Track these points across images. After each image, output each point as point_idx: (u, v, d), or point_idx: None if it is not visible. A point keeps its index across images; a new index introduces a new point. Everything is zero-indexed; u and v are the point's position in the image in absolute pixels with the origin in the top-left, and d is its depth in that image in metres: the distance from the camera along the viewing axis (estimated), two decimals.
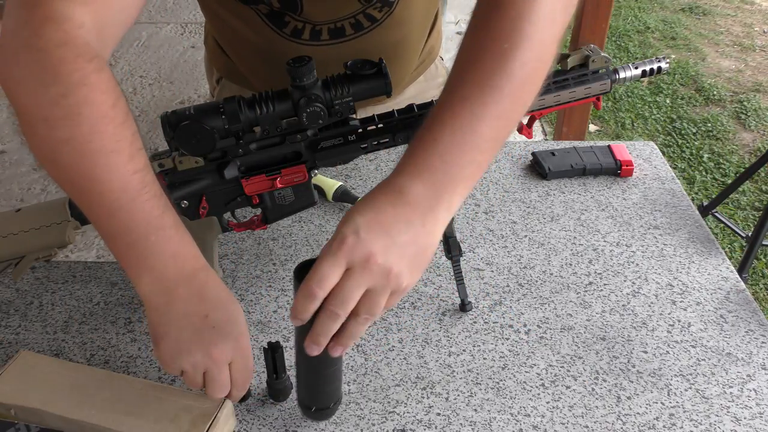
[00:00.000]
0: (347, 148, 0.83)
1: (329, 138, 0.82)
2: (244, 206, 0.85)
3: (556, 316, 0.90)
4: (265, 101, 0.76)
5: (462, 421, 0.77)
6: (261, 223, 0.87)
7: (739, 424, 0.77)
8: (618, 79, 0.88)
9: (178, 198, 0.82)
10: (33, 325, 0.91)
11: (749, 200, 2.75)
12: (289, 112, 0.77)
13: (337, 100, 0.77)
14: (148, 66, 3.54)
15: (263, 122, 0.77)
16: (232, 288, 0.95)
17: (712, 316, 0.90)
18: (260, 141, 0.80)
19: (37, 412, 0.70)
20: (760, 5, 4.45)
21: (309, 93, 0.75)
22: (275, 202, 0.85)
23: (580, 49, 0.86)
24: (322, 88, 0.76)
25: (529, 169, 1.18)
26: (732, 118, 3.29)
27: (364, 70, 0.77)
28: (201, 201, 0.83)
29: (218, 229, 0.88)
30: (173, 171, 0.80)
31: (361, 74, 0.77)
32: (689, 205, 1.10)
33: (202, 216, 0.84)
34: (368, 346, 0.87)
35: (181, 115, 0.75)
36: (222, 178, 0.81)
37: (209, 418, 0.69)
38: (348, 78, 0.77)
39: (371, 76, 0.77)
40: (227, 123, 0.75)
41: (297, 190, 0.84)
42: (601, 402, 0.79)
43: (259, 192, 0.83)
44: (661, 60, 0.89)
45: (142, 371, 0.84)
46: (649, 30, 4.12)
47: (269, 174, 0.82)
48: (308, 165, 0.83)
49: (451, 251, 0.88)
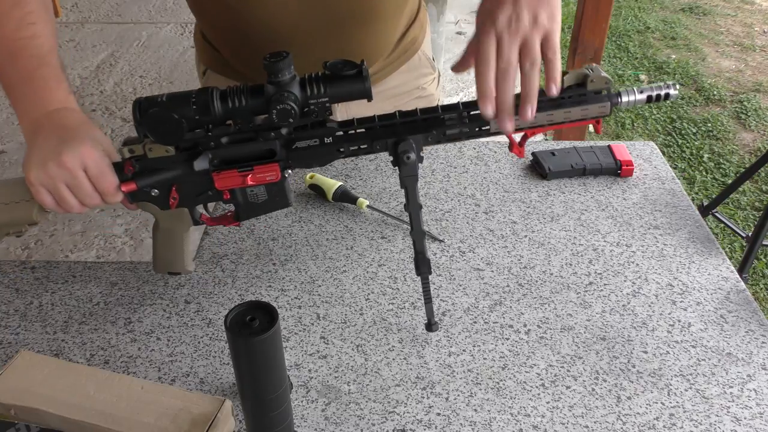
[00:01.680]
0: (323, 151, 0.80)
1: (305, 138, 0.80)
2: (215, 200, 0.83)
3: (556, 316, 0.90)
4: (238, 95, 0.75)
5: (462, 421, 0.77)
6: (233, 219, 0.86)
7: (739, 424, 0.77)
8: (620, 102, 0.80)
9: (147, 186, 0.81)
10: (33, 325, 0.91)
11: (749, 200, 2.75)
12: (262, 108, 0.75)
13: (313, 100, 0.74)
14: (148, 66, 3.54)
15: (235, 116, 0.76)
16: (232, 288, 0.95)
17: (713, 316, 0.90)
18: (232, 135, 0.79)
19: (37, 412, 0.70)
20: (760, 5, 4.45)
21: (284, 90, 0.73)
22: (247, 200, 0.83)
23: (578, 69, 0.81)
24: (298, 87, 0.74)
25: (529, 169, 1.18)
26: (732, 118, 3.29)
27: (344, 71, 0.74)
28: (171, 191, 0.82)
29: (189, 222, 0.86)
30: (143, 158, 0.79)
31: (341, 75, 0.74)
32: (689, 205, 1.10)
33: (172, 206, 0.83)
34: (368, 346, 0.87)
35: (153, 102, 0.74)
36: (192, 169, 0.80)
37: (209, 418, 0.69)
38: (326, 78, 0.74)
39: (351, 78, 0.74)
40: (197, 114, 0.74)
41: (270, 189, 0.83)
42: (601, 402, 0.79)
43: (231, 187, 0.81)
44: (669, 87, 0.80)
45: (142, 371, 0.84)
46: (649, 30, 4.12)
47: (241, 170, 0.80)
48: (282, 164, 0.81)
49: (420, 269, 0.83)
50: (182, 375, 0.83)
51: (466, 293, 0.94)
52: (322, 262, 0.99)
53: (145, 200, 0.84)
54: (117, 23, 3.98)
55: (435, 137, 0.80)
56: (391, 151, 0.80)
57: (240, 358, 0.65)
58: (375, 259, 1.00)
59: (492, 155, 1.21)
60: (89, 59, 3.63)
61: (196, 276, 0.97)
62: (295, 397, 0.80)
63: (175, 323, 0.90)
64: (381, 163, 1.19)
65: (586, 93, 0.79)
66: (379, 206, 1.08)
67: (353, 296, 0.94)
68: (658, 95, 0.80)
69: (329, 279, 0.97)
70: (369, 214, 1.08)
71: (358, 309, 0.92)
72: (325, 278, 0.97)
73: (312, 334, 0.88)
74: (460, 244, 1.02)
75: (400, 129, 0.80)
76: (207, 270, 0.98)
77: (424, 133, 0.80)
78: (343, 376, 0.83)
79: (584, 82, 0.79)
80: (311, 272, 0.98)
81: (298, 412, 0.78)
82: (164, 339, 0.88)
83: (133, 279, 0.97)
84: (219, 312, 0.92)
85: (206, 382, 0.83)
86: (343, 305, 0.92)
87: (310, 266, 0.99)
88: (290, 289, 0.95)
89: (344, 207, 1.09)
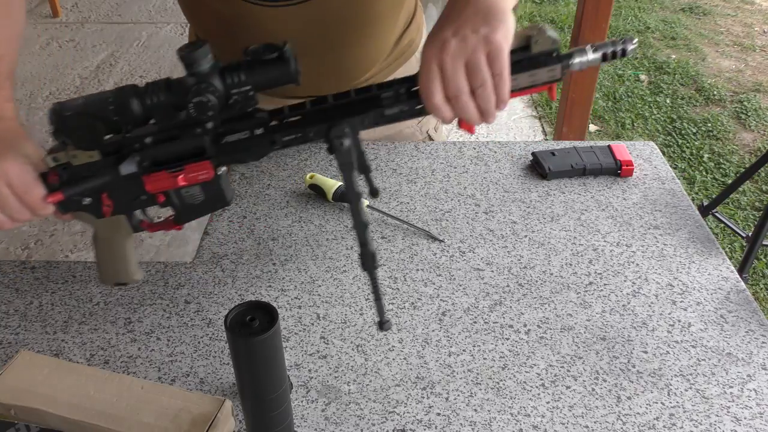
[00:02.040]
0: (254, 143, 0.75)
1: (234, 132, 0.75)
2: (150, 205, 0.79)
3: (556, 316, 0.90)
4: (156, 91, 0.70)
5: (462, 421, 0.77)
6: (174, 223, 0.82)
7: (739, 424, 0.77)
8: (572, 64, 0.72)
9: (76, 194, 0.77)
10: (33, 325, 0.91)
11: (749, 200, 2.75)
12: (182, 102, 0.70)
13: (235, 90, 0.70)
14: (148, 66, 3.54)
15: (155, 113, 0.71)
16: (232, 288, 0.95)
17: (713, 316, 0.90)
18: (156, 135, 0.74)
19: (37, 412, 0.70)
20: (760, 5, 4.45)
21: (202, 81, 0.68)
22: (184, 201, 0.79)
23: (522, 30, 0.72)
24: (218, 77, 0.69)
25: (529, 169, 1.18)
26: (732, 118, 3.29)
27: (264, 55, 0.69)
28: (102, 198, 0.78)
29: (128, 229, 0.83)
30: (69, 166, 0.76)
31: (261, 60, 0.69)
32: (689, 205, 1.10)
33: (106, 214, 0.80)
34: (368, 346, 0.87)
35: (68, 106, 0.70)
36: (119, 174, 0.76)
37: (209, 418, 0.69)
38: (246, 65, 0.70)
39: (272, 62, 0.69)
40: (115, 114, 0.70)
41: (206, 188, 0.78)
42: (601, 402, 0.79)
43: (162, 190, 0.77)
44: (626, 41, 0.72)
45: (142, 371, 0.84)
46: (649, 30, 4.12)
47: (171, 170, 0.75)
48: (214, 162, 0.76)
49: (365, 264, 0.74)
50: (182, 375, 0.83)
51: (466, 293, 0.94)
52: (322, 262, 0.99)
53: (78, 210, 0.80)
54: (117, 23, 3.98)
55: (372, 118, 0.74)
56: (325, 138, 0.73)
57: (240, 358, 0.65)
58: None
59: (492, 155, 1.21)
60: (89, 59, 3.63)
61: (196, 276, 0.97)
62: (295, 397, 0.80)
63: (175, 323, 0.90)
64: (381, 163, 1.19)
65: (532, 56, 0.72)
66: (379, 206, 1.08)
67: (353, 296, 0.94)
68: (614, 51, 0.72)
69: (329, 279, 0.97)
70: (369, 214, 1.08)
71: (358, 309, 0.92)
72: (325, 278, 0.97)
73: (312, 334, 0.88)
74: (460, 244, 1.02)
75: (334, 112, 0.74)
76: (207, 270, 0.98)
77: (360, 116, 0.74)
78: (343, 376, 0.83)
79: (528, 45, 0.71)
80: (311, 272, 0.98)
81: (298, 412, 0.78)
82: (164, 339, 0.88)
83: None
84: (219, 312, 0.92)
85: (206, 382, 0.83)
86: (343, 305, 0.92)
87: (310, 266, 0.99)
88: (290, 289, 0.95)
89: (344, 207, 1.09)
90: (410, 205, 1.09)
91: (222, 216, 1.08)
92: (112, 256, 0.86)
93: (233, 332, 0.63)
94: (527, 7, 4.33)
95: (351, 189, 0.73)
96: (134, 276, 0.88)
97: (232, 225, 1.07)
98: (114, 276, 0.88)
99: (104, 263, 0.87)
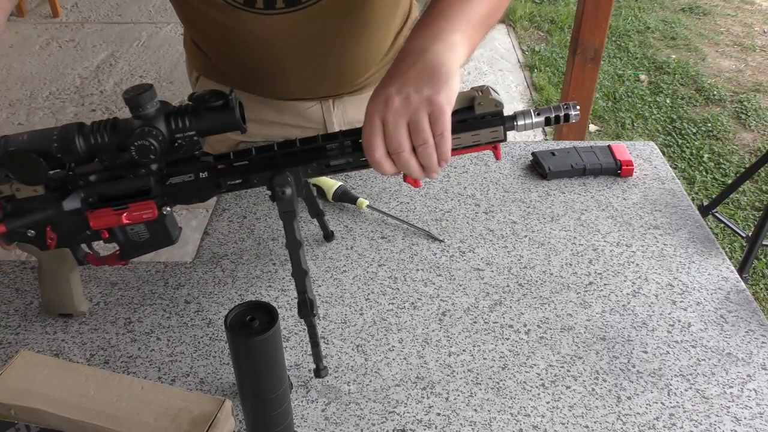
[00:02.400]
0: (199, 186, 0.77)
1: (179, 174, 0.76)
2: (95, 240, 0.80)
3: (556, 316, 0.90)
4: (101, 131, 0.71)
5: (462, 421, 0.77)
6: (119, 258, 0.82)
7: (739, 424, 0.77)
8: (516, 126, 0.74)
9: (19, 227, 0.78)
10: (33, 325, 0.91)
11: (749, 200, 2.75)
12: (125, 144, 0.71)
13: (179, 135, 0.71)
14: (148, 66, 3.54)
15: (99, 153, 0.72)
16: (232, 288, 0.95)
17: (712, 316, 0.90)
18: (101, 173, 0.75)
19: (37, 412, 0.70)
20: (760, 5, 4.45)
21: (147, 125, 0.70)
22: (129, 239, 0.79)
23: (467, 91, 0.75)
24: (163, 121, 0.71)
25: (529, 169, 1.18)
26: (732, 118, 3.29)
27: (210, 102, 0.71)
28: (47, 231, 0.78)
29: (73, 262, 0.83)
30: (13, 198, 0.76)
31: (207, 107, 0.71)
32: (689, 205, 1.10)
33: (51, 247, 0.80)
34: (368, 346, 0.87)
35: (12, 141, 0.71)
36: (63, 209, 0.76)
37: (209, 418, 0.69)
38: (192, 111, 0.71)
39: (217, 109, 0.71)
40: (59, 152, 0.71)
41: (151, 227, 0.79)
42: (601, 402, 0.79)
43: (107, 226, 0.78)
44: (569, 107, 0.74)
45: (142, 371, 0.84)
46: (649, 30, 4.12)
47: (116, 208, 0.76)
48: (159, 201, 0.77)
49: (302, 311, 0.76)
50: (182, 375, 0.84)
51: (466, 293, 0.94)
52: (322, 262, 0.99)
53: (23, 241, 0.80)
54: (117, 23, 3.98)
55: (316, 169, 0.76)
56: (268, 185, 0.76)
57: (240, 358, 0.65)
58: (375, 259, 1.00)
59: (492, 155, 1.21)
60: (89, 59, 3.63)
61: (196, 276, 0.97)
62: (295, 397, 0.80)
63: (175, 323, 0.90)
64: None
65: (476, 116, 0.73)
66: (379, 206, 1.08)
67: (353, 296, 0.94)
68: (557, 116, 0.75)
69: (329, 279, 0.97)
70: (369, 214, 1.08)
71: (358, 309, 0.92)
72: (325, 278, 0.97)
73: None
74: (460, 244, 1.02)
75: (280, 161, 0.76)
76: (207, 270, 0.98)
77: (303, 165, 0.76)
78: (343, 376, 0.83)
79: (472, 105, 0.73)
80: (311, 272, 0.98)
81: (298, 412, 0.78)
82: (164, 339, 0.88)
83: (133, 279, 0.97)
84: (219, 312, 0.92)
85: (206, 382, 0.83)
86: (343, 305, 0.92)
87: (310, 266, 0.99)
88: (290, 289, 0.95)
89: (344, 207, 1.09)
90: (410, 205, 1.10)
91: (222, 216, 1.08)
92: (57, 288, 0.87)
93: (233, 332, 0.63)
94: (527, 7, 4.33)
95: (292, 237, 0.76)
96: (79, 308, 0.89)
97: (232, 225, 1.07)
98: (58, 307, 0.89)
99: (48, 295, 0.88)
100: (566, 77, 2.61)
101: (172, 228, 0.80)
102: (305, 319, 0.77)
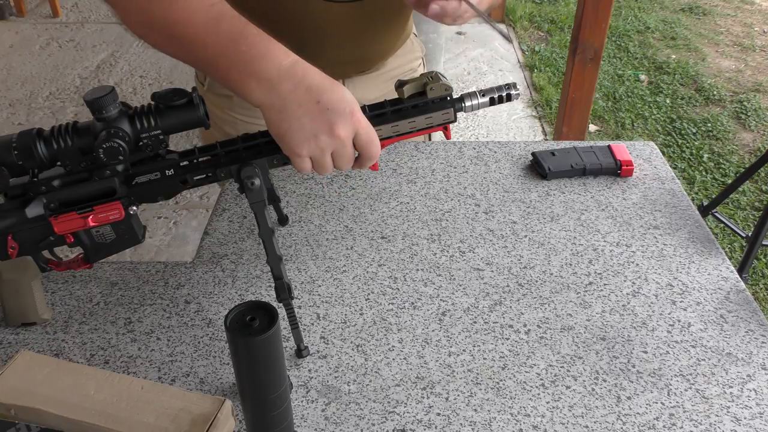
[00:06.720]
0: (165, 184, 0.77)
1: (145, 173, 0.76)
2: (59, 245, 0.79)
3: (556, 316, 0.90)
4: (63, 135, 0.71)
5: (462, 421, 0.77)
6: (84, 262, 0.82)
7: (739, 424, 0.77)
8: (464, 107, 0.81)
9: None
10: (33, 325, 0.91)
11: (749, 200, 2.75)
12: (90, 146, 0.71)
13: (145, 134, 0.71)
14: (148, 66, 3.54)
15: (62, 158, 0.72)
16: (232, 288, 0.95)
17: (712, 316, 0.90)
18: (64, 177, 0.75)
19: (37, 412, 0.70)
20: (760, 5, 4.45)
21: (111, 126, 0.70)
22: (94, 241, 0.79)
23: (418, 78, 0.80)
24: (127, 121, 0.71)
25: (529, 169, 1.18)
26: (732, 118, 3.29)
27: (173, 101, 0.72)
28: (7, 240, 0.77)
29: (36, 270, 0.83)
30: None
31: (170, 105, 0.72)
32: (689, 205, 1.10)
33: (12, 256, 0.78)
34: (368, 346, 0.87)
35: None
36: (26, 216, 0.75)
37: (209, 418, 0.69)
38: (156, 110, 0.72)
39: (181, 108, 0.72)
40: (20, 159, 0.70)
41: (117, 227, 0.78)
42: (601, 402, 0.79)
43: (72, 231, 0.77)
44: (510, 87, 0.82)
45: (142, 371, 0.84)
46: (649, 30, 4.12)
47: (81, 211, 0.76)
48: (125, 202, 0.77)
49: (280, 295, 0.80)
50: (182, 375, 0.84)
51: (466, 293, 0.94)
52: (322, 262, 0.99)
53: None
54: (117, 23, 3.98)
55: (281, 159, 0.79)
56: (236, 178, 0.78)
57: (240, 358, 0.65)
58: (375, 259, 1.00)
59: (492, 155, 1.21)
60: (89, 59, 3.63)
61: (196, 276, 0.97)
62: (295, 397, 0.80)
63: (175, 323, 0.90)
64: (381, 163, 1.19)
65: (428, 101, 0.80)
66: (379, 206, 1.08)
67: (353, 296, 0.94)
68: (500, 96, 0.82)
69: (329, 279, 0.97)
70: (369, 214, 1.08)
71: (358, 309, 0.92)
72: (325, 278, 0.97)
73: (312, 334, 0.88)
74: (460, 244, 1.02)
75: (244, 154, 0.78)
76: (207, 270, 0.98)
77: (268, 157, 0.78)
78: (343, 376, 0.83)
79: (424, 91, 0.79)
80: (311, 272, 0.98)
81: (298, 412, 0.78)
82: (164, 339, 0.88)
83: (133, 279, 0.97)
84: (219, 312, 0.92)
85: (206, 382, 0.83)
86: (343, 305, 0.92)
87: (310, 266, 0.99)
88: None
89: (344, 207, 1.09)
90: (410, 205, 1.10)
91: (222, 216, 1.08)
92: (19, 297, 0.86)
93: (233, 332, 0.63)
94: (527, 7, 4.34)
95: (264, 226, 0.78)
96: (42, 315, 0.89)
97: (232, 225, 1.07)
98: (21, 316, 0.88)
99: (10, 305, 0.87)
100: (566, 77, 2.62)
101: (138, 227, 0.81)
102: (284, 303, 0.81)
